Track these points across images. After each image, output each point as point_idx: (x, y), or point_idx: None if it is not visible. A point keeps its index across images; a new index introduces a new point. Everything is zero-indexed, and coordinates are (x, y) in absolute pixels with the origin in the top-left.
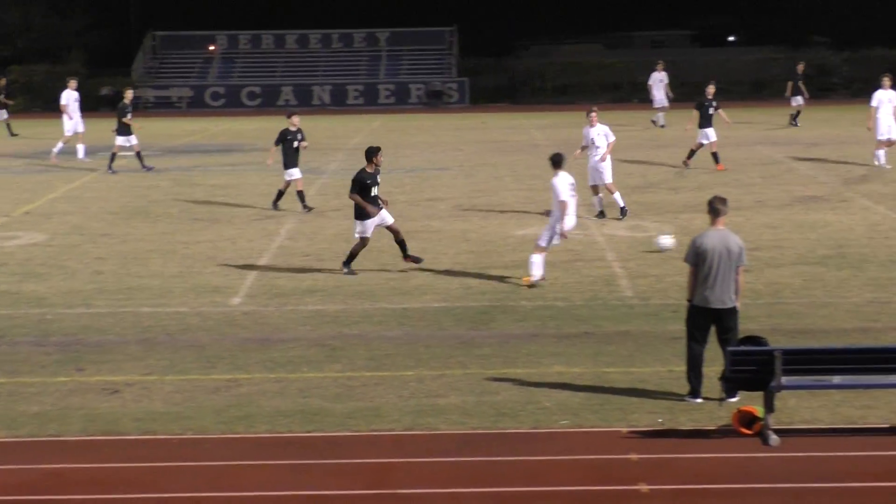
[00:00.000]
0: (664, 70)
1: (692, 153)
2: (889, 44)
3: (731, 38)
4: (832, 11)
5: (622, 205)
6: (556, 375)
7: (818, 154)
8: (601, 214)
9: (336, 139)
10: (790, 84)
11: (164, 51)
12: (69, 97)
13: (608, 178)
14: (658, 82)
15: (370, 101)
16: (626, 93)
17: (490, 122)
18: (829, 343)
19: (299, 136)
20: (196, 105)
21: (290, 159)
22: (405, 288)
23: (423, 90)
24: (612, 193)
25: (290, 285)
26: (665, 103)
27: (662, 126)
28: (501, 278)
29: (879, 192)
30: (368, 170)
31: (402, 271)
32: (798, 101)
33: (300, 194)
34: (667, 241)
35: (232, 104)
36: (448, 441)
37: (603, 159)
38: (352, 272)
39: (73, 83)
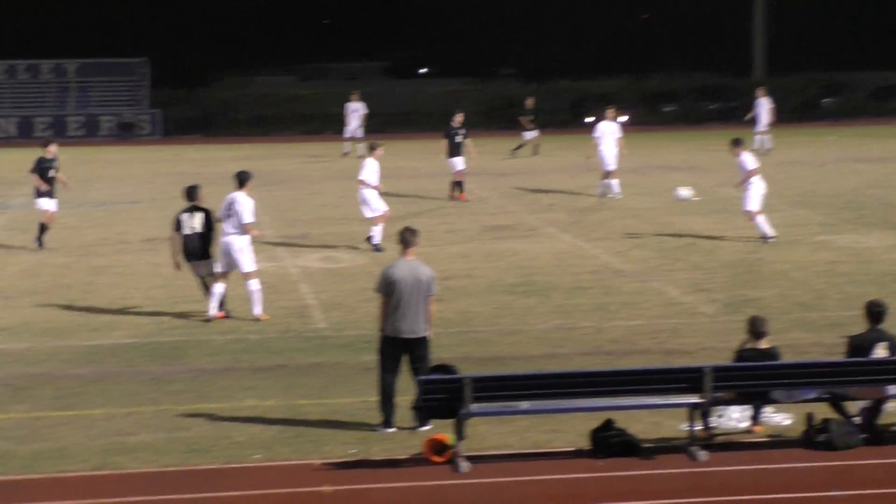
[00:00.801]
0: (359, 100)
1: (455, 185)
2: (574, 76)
3: (422, 71)
4: (519, 44)
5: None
6: (249, 409)
7: (507, 184)
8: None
9: (23, 172)
10: (523, 119)
11: None
12: None
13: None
14: (352, 112)
15: (59, 133)
16: (320, 124)
17: (183, 154)
18: (517, 370)
19: (55, 165)
20: None
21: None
22: (95, 324)
23: (115, 122)
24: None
25: None
26: (359, 134)
27: (348, 153)
28: (193, 313)
29: (565, 221)
30: None
31: (91, 307)
32: (532, 135)
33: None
34: (685, 192)
35: None
36: (137, 480)
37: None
38: None
39: None
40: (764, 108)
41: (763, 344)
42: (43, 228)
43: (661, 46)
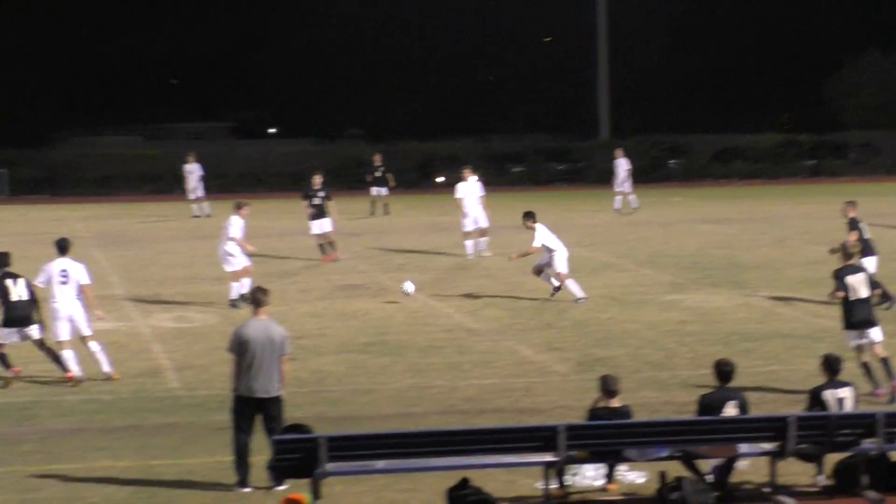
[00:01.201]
0: (196, 161)
1: (327, 246)
2: (420, 137)
3: (271, 131)
4: (366, 105)
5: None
6: (102, 470)
7: (358, 243)
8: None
9: None
10: (368, 177)
11: None
12: None
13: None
14: (190, 174)
15: None
16: (167, 184)
17: (29, 214)
18: (371, 429)
19: None
20: None
21: None
22: None
23: None
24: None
25: None
26: (200, 193)
27: (207, 216)
28: (44, 372)
29: (418, 281)
30: None
31: None
32: (380, 191)
33: None
34: (409, 286)
35: None
36: None
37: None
38: None
39: None
40: (622, 167)
41: (615, 402)
42: None
43: (506, 108)
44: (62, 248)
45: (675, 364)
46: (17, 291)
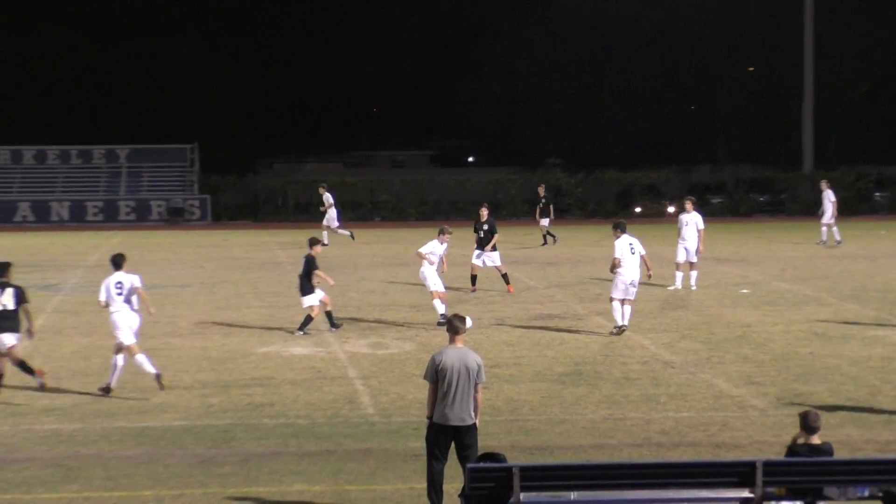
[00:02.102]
0: (328, 191)
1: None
2: (620, 167)
3: (470, 159)
4: (565, 134)
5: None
6: (297, 494)
7: (554, 273)
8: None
9: (74, 256)
10: (537, 207)
11: None
12: None
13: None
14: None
15: (110, 218)
16: (367, 211)
17: (232, 240)
18: (565, 459)
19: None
20: None
21: None
22: (145, 407)
23: (164, 207)
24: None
25: (26, 404)
26: (334, 224)
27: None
28: (243, 396)
29: (596, 310)
30: None
31: (141, 389)
32: (544, 222)
33: None
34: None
35: None
36: None
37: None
38: None
39: None
40: (829, 200)
41: (815, 439)
42: None
43: (708, 138)
44: (117, 263)
45: (879, 402)
46: (3, 301)
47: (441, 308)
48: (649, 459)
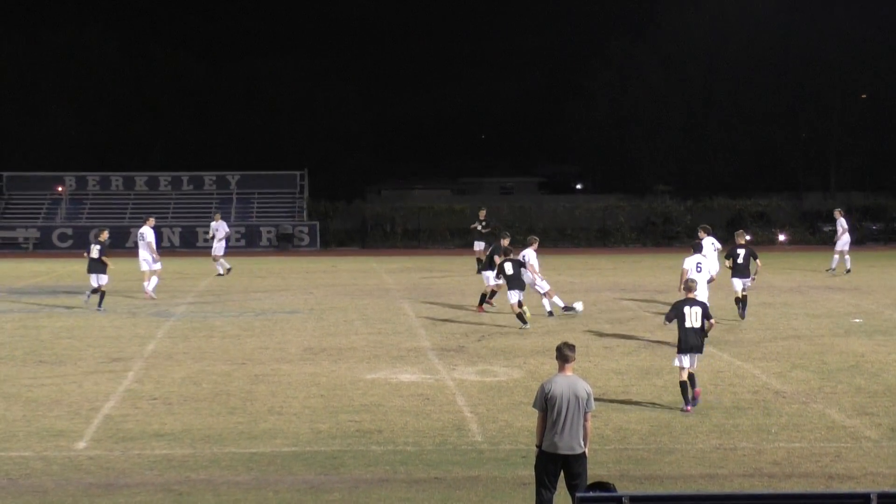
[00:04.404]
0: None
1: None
2: (731, 194)
3: (578, 186)
4: (674, 161)
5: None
6: None
7: (664, 300)
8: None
9: (185, 281)
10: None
11: (11, 191)
12: None
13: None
14: (216, 231)
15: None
16: (474, 237)
17: (340, 266)
18: (675, 489)
19: None
20: (43, 246)
21: None
22: (254, 432)
23: (274, 233)
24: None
25: (137, 429)
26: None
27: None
28: (351, 422)
29: (723, 340)
30: None
31: (251, 415)
32: (479, 246)
33: None
34: (579, 305)
35: (80, 245)
36: None
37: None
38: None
39: None
40: None
41: None
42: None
43: (819, 165)
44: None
45: None
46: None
47: (560, 301)
48: (761, 490)
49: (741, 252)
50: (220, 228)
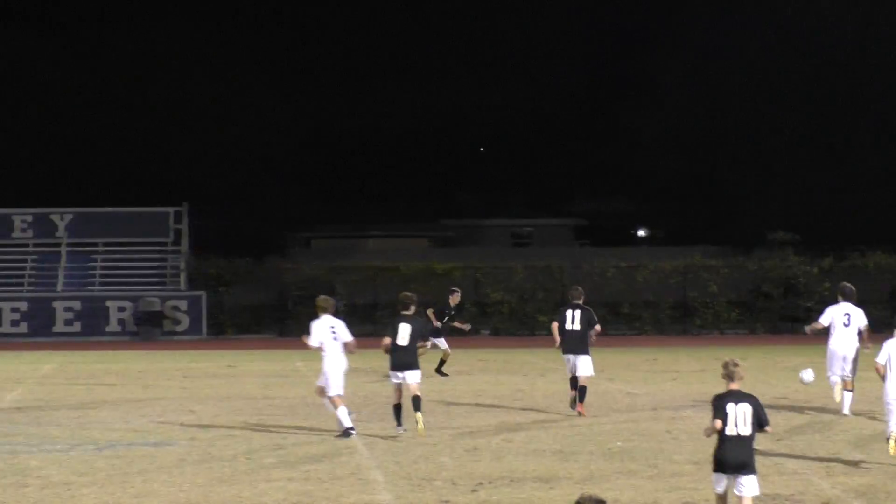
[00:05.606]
0: None
1: None
2: (891, 248)
3: (640, 233)
4: (802, 200)
5: None
6: None
7: (795, 423)
8: None
9: None
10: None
11: None
12: None
13: None
14: None
15: None
16: (469, 318)
17: (241, 366)
18: None
19: None
20: None
21: None
22: None
23: (131, 310)
24: None
25: None
26: None
27: None
28: None
29: None
30: None
31: None
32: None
33: None
34: (808, 375)
35: None
36: None
37: None
38: None
39: None
40: None
41: None
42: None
43: None
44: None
45: None
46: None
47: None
48: None
49: None
50: None
